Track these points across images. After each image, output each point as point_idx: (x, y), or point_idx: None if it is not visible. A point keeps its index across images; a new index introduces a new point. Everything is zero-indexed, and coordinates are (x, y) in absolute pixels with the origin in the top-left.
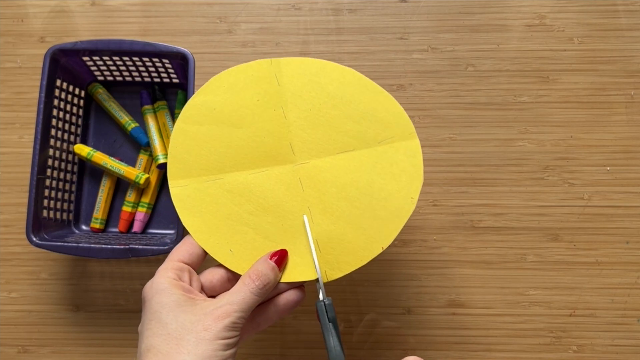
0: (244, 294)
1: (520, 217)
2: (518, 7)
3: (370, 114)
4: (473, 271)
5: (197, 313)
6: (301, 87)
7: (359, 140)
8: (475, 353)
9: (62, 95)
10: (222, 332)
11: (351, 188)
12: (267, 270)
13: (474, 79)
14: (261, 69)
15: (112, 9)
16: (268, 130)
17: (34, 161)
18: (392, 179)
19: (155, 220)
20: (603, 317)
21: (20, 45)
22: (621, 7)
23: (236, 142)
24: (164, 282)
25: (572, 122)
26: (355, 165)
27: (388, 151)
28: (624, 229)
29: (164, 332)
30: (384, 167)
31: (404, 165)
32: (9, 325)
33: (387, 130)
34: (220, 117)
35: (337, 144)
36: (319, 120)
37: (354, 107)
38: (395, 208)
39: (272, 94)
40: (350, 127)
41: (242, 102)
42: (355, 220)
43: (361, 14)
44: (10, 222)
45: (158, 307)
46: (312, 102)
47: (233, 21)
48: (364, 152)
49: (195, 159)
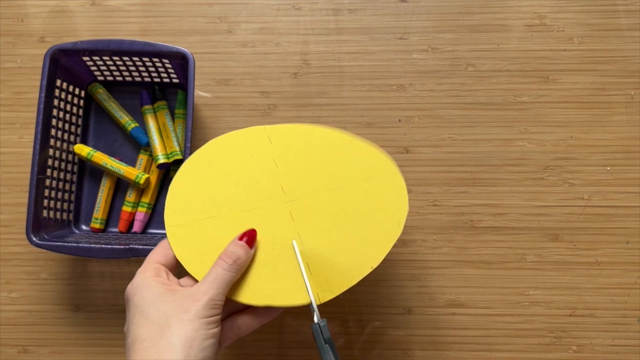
0: (217, 272)
1: (520, 217)
2: (518, 7)
3: (356, 160)
4: (473, 271)
5: (177, 299)
6: (292, 144)
7: (347, 179)
8: (475, 353)
9: (62, 95)
10: (202, 311)
11: (341, 217)
12: (236, 248)
13: (474, 79)
14: (255, 132)
15: (112, 9)
16: (261, 177)
17: (34, 161)
18: (379, 208)
19: (155, 220)
20: (603, 317)
21: (20, 45)
22: (621, 7)
23: (231, 187)
24: (142, 280)
25: (572, 122)
26: (344, 198)
27: (374, 186)
28: (624, 229)
29: (147, 322)
30: (371, 199)
31: (390, 197)
32: (9, 325)
33: (372, 171)
34: (216, 168)
35: (325, 183)
36: (309, 167)
37: (341, 157)
38: (383, 231)
39: (265, 150)
40: (338, 170)
41: (237, 156)
42: (345, 243)
43: (361, 14)
44: (10, 222)
45: (139, 302)
46: (302, 154)
47: (233, 21)
48: (352, 188)
49: (191, 203)
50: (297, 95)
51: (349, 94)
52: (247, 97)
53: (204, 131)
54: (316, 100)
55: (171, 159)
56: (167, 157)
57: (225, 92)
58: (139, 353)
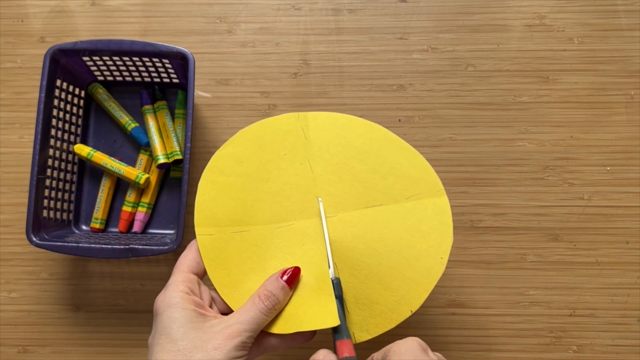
0: (254, 314)
1: (520, 217)
2: (518, 7)
3: (397, 170)
4: (473, 271)
5: (208, 331)
6: (328, 141)
7: (386, 195)
8: (475, 353)
9: (62, 95)
10: (232, 352)
11: (379, 244)
12: (276, 290)
13: (474, 79)
14: (288, 122)
15: (112, 9)
16: (294, 184)
17: (34, 161)
18: (420, 236)
19: (155, 220)
20: (603, 317)
21: (20, 45)
22: (621, 7)
23: (263, 196)
24: (176, 297)
25: (572, 122)
26: (383, 220)
27: (416, 207)
28: (624, 229)
29: (174, 348)
30: (412, 224)
31: (433, 223)
32: (9, 325)
33: (414, 187)
34: (247, 170)
35: (364, 198)
36: (346, 175)
37: (380, 162)
38: (425, 269)
39: (299, 147)
40: (377, 181)
41: (269, 156)
42: (384, 280)
43: (361, 14)
44: (10, 222)
45: (169, 322)
46: (339, 156)
47: (233, 21)
48: (392, 208)
49: (222, 209)
50: (297, 95)
51: (349, 94)
52: (247, 97)
53: (204, 131)
54: (316, 100)
55: (171, 159)
56: (167, 157)
57: (225, 92)
58: None
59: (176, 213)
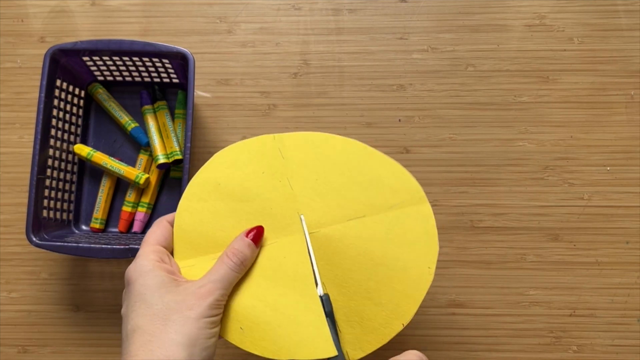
0: (223, 271)
1: (520, 217)
2: (518, 7)
3: (377, 180)
4: (473, 271)
5: (181, 293)
6: (305, 157)
7: (368, 206)
8: (475, 353)
9: (62, 95)
10: (207, 311)
11: (365, 258)
12: (243, 247)
13: (474, 79)
14: (265, 143)
15: (112, 9)
16: (275, 202)
17: (34, 161)
18: (406, 247)
19: (155, 220)
20: (603, 317)
21: (20, 45)
22: (621, 7)
23: (243, 217)
24: (147, 264)
25: (572, 122)
26: (368, 233)
27: (399, 216)
28: (624, 229)
29: (150, 312)
30: (397, 235)
31: (418, 232)
32: (9, 325)
33: (396, 195)
34: (225, 192)
35: (346, 211)
36: (326, 189)
37: (360, 174)
38: (413, 280)
39: (276, 166)
40: (358, 193)
41: (247, 176)
42: (373, 295)
43: (361, 14)
44: (10, 222)
45: (142, 289)
46: (318, 171)
47: (233, 21)
48: (375, 219)
49: (201, 236)
50: (297, 95)
51: (349, 94)
52: (247, 97)
53: (204, 131)
54: (316, 100)
55: (171, 159)
56: (167, 157)
57: (225, 92)
58: (140, 345)
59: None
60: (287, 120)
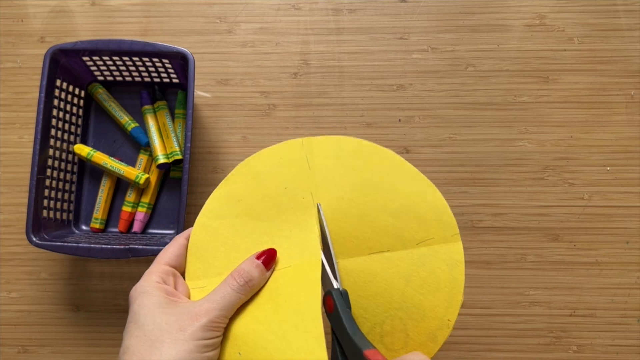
0: (225, 292)
1: (520, 217)
2: (518, 7)
3: (409, 208)
4: (473, 271)
5: (176, 314)
6: (333, 170)
7: (395, 238)
8: (475, 353)
9: (62, 95)
10: (199, 332)
11: (383, 301)
12: (250, 267)
13: (474, 79)
14: (292, 150)
15: (112, 9)
16: (294, 223)
17: (34, 161)
18: (429, 294)
19: (155, 220)
20: (603, 317)
21: (20, 45)
22: (621, 7)
23: (260, 238)
24: (146, 285)
25: (572, 122)
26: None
27: (427, 255)
28: (624, 229)
29: (140, 333)
30: (420, 278)
31: (443, 278)
32: (9, 325)
33: (426, 229)
34: (245, 209)
35: (369, 242)
36: (352, 212)
37: (391, 198)
38: (429, 331)
39: (301, 178)
40: (385, 221)
41: (268, 191)
42: (385, 339)
43: (361, 14)
44: (10, 222)
45: (138, 309)
46: (345, 189)
47: (233, 21)
48: (399, 255)
49: (215, 256)
50: (297, 95)
51: (349, 94)
52: (247, 97)
53: (204, 131)
54: (316, 100)
55: (171, 159)
56: (167, 157)
57: (225, 92)
58: None
59: (176, 213)
60: (287, 120)
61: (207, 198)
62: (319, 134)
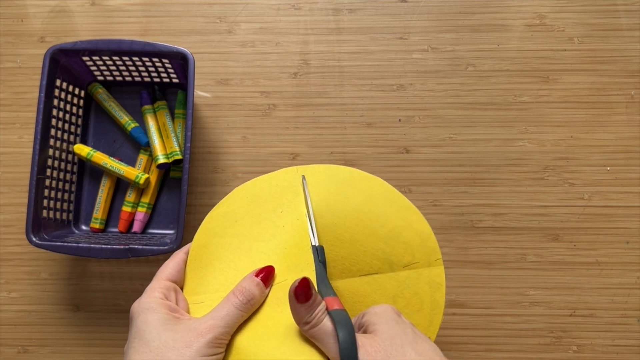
0: (228, 309)
1: (520, 217)
2: (518, 7)
3: (397, 233)
4: (473, 271)
5: (180, 330)
6: (327, 196)
7: (383, 262)
8: (475, 353)
9: (62, 95)
10: (204, 349)
11: None
12: (251, 286)
13: (474, 79)
14: (286, 178)
15: (112, 9)
16: (290, 243)
17: (34, 161)
18: (411, 312)
19: (155, 220)
20: (603, 317)
21: (20, 45)
22: (621, 7)
23: (257, 256)
24: (150, 302)
25: (572, 122)
26: (378, 292)
27: (411, 278)
28: (624, 229)
29: (146, 349)
30: (404, 298)
31: (425, 299)
32: (9, 325)
33: (412, 254)
34: (242, 230)
35: (360, 264)
36: (344, 236)
37: (380, 224)
38: None
39: (296, 203)
40: (375, 246)
41: (265, 213)
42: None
43: (361, 14)
44: (10, 222)
45: (142, 326)
46: (338, 214)
47: (233, 21)
48: (387, 277)
49: (213, 273)
50: (297, 95)
51: (349, 93)
52: (247, 97)
53: (204, 131)
54: (316, 100)
55: (171, 159)
56: (167, 157)
57: (225, 92)
58: None
59: (176, 213)
60: (287, 120)
61: (207, 198)
62: (319, 133)
